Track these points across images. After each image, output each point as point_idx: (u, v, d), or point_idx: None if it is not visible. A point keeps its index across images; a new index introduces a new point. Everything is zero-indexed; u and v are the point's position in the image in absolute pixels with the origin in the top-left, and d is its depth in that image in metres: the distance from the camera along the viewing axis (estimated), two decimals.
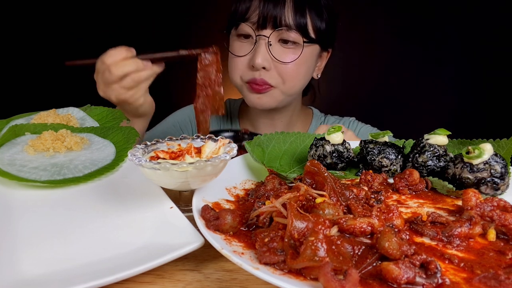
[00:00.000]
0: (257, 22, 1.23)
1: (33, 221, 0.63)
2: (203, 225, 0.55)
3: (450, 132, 0.77)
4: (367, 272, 0.46)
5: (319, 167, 0.64)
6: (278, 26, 1.22)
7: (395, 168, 0.81)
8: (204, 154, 0.71)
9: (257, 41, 1.25)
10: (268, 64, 1.25)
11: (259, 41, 1.24)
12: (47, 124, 0.97)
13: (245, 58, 1.29)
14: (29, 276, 0.50)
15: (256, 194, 0.68)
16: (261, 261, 0.47)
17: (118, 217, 0.65)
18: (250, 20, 1.24)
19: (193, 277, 0.54)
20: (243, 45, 1.29)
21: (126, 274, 0.48)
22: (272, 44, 1.24)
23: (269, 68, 1.26)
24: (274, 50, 1.25)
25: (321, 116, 1.60)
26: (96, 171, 0.80)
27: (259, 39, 1.24)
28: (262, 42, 1.24)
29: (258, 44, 1.24)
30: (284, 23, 1.21)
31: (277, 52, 1.25)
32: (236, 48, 1.31)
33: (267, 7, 1.21)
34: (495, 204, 0.59)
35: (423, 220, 0.59)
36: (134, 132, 0.94)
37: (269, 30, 1.23)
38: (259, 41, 1.24)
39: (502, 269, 0.47)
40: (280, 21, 1.21)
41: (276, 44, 1.25)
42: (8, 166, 0.77)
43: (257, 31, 1.24)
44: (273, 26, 1.22)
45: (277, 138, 0.93)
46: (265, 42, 1.24)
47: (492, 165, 0.69)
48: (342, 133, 0.84)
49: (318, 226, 0.48)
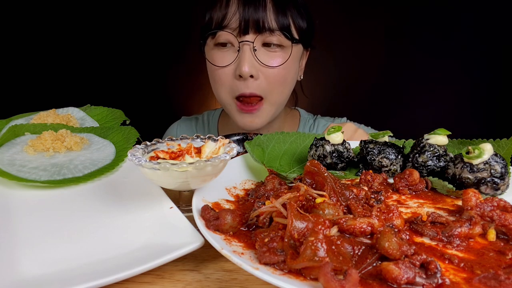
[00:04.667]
0: (238, 27, 1.14)
1: (33, 221, 0.63)
2: (203, 225, 0.55)
3: (450, 132, 0.77)
4: (367, 272, 0.46)
5: (319, 167, 0.64)
6: (261, 29, 1.14)
7: (395, 168, 0.81)
8: (204, 154, 0.71)
9: (240, 47, 1.16)
10: (255, 71, 1.16)
11: (242, 48, 1.15)
12: (47, 124, 0.97)
13: (229, 68, 1.18)
14: (29, 276, 0.50)
15: (256, 194, 0.68)
16: (261, 261, 0.47)
17: (118, 217, 0.65)
18: (230, 27, 1.15)
19: (193, 277, 0.54)
20: (225, 55, 1.19)
21: (126, 274, 0.48)
22: (257, 49, 1.16)
23: (257, 77, 1.17)
24: (260, 55, 1.16)
25: (309, 118, 1.52)
26: (96, 171, 0.80)
27: (243, 45, 1.15)
28: (246, 48, 1.15)
29: (242, 51, 1.15)
30: (268, 26, 1.14)
31: (263, 57, 1.17)
32: (217, 58, 1.20)
33: (248, 11, 1.12)
34: (495, 204, 0.59)
35: (423, 220, 0.58)
36: (134, 132, 0.94)
37: (252, 35, 1.15)
38: (243, 47, 1.15)
39: (502, 269, 0.47)
40: (263, 24, 1.13)
41: (261, 48, 1.17)
42: (8, 166, 0.77)
43: (239, 37, 1.15)
44: (256, 30, 1.14)
45: (277, 138, 0.93)
46: (249, 47, 1.15)
47: (492, 165, 0.69)
48: (342, 133, 0.84)
49: (318, 226, 0.49)
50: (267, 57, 1.18)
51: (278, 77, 1.20)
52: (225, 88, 1.22)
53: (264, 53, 1.18)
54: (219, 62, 1.20)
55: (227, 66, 1.18)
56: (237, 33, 1.15)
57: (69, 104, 1.15)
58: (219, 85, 1.23)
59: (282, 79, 1.21)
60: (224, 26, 1.16)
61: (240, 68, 1.14)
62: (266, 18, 1.14)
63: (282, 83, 1.23)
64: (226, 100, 1.25)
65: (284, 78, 1.22)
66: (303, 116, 1.53)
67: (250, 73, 1.15)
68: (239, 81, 1.18)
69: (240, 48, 1.16)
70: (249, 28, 1.14)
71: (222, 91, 1.23)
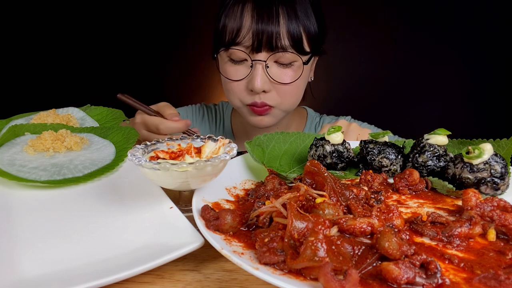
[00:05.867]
0: (251, 46, 1.15)
1: (33, 221, 0.63)
2: (203, 225, 0.55)
3: (450, 132, 0.77)
4: (367, 272, 0.46)
5: (319, 167, 0.64)
6: (274, 48, 1.15)
7: (395, 168, 0.81)
8: (204, 154, 0.71)
9: (253, 65, 1.18)
10: (267, 87, 1.20)
11: (255, 66, 1.18)
12: (47, 124, 0.97)
13: (242, 81, 1.23)
14: (29, 276, 0.50)
15: (256, 194, 0.68)
16: (261, 261, 0.47)
17: (118, 217, 0.65)
18: (243, 44, 1.16)
19: (193, 277, 0.54)
20: (238, 69, 1.22)
21: (126, 275, 0.48)
22: (269, 65, 1.18)
23: (269, 90, 1.21)
24: (272, 72, 1.19)
25: (316, 116, 1.57)
26: (96, 171, 0.80)
27: (255, 64, 1.17)
28: (259, 66, 1.17)
29: (254, 69, 1.18)
30: (280, 45, 1.15)
31: (275, 73, 1.19)
32: (230, 72, 1.24)
33: (261, 27, 1.13)
34: (495, 204, 0.59)
35: (423, 220, 0.58)
36: (134, 132, 0.94)
37: (265, 53, 1.16)
38: (256, 65, 1.17)
39: (502, 269, 0.47)
40: (276, 43, 1.14)
41: (273, 64, 1.19)
42: (8, 166, 0.77)
43: (251, 54, 1.17)
44: (269, 49, 1.15)
45: (277, 138, 0.93)
46: (262, 65, 1.17)
47: (492, 165, 0.69)
48: (342, 133, 0.84)
49: (318, 226, 0.48)
50: (280, 73, 1.21)
51: (289, 91, 1.24)
52: (237, 97, 1.27)
53: (277, 69, 1.20)
54: (232, 76, 1.24)
55: (240, 80, 1.23)
56: (250, 50, 1.17)
57: (69, 104, 1.15)
58: (231, 94, 1.28)
59: (293, 92, 1.26)
60: (238, 43, 1.17)
61: (253, 84, 1.18)
62: (279, 35, 1.15)
63: (294, 94, 1.27)
64: (238, 105, 1.31)
65: (296, 90, 1.27)
66: (311, 114, 1.58)
67: (263, 89, 1.19)
68: (251, 95, 1.23)
69: (252, 65, 1.19)
70: (262, 47, 1.15)
71: (235, 99, 1.29)
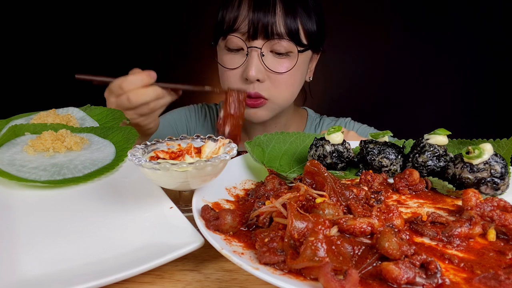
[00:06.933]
0: (247, 32, 1.18)
1: (33, 221, 0.63)
2: (203, 225, 0.55)
3: (450, 132, 0.77)
4: (367, 272, 0.46)
5: (319, 167, 0.64)
6: (269, 35, 1.17)
7: (395, 168, 0.81)
8: (204, 154, 0.71)
9: (249, 52, 1.20)
10: (262, 75, 1.21)
11: (251, 53, 1.19)
12: (47, 124, 0.97)
13: (238, 70, 1.24)
14: (29, 276, 0.50)
15: (256, 194, 0.68)
16: (261, 261, 0.47)
17: (118, 217, 0.65)
18: (240, 31, 1.19)
19: (193, 277, 0.54)
20: (234, 57, 1.24)
21: (126, 274, 0.48)
22: (265, 54, 1.20)
23: (263, 80, 1.22)
24: (268, 61, 1.20)
25: (316, 117, 1.57)
26: (96, 171, 0.80)
27: (251, 51, 1.19)
28: (254, 53, 1.19)
29: (250, 56, 1.20)
30: (276, 32, 1.17)
31: (270, 62, 1.21)
32: (226, 61, 1.26)
33: (257, 16, 1.16)
34: (495, 204, 0.59)
35: (423, 220, 0.58)
36: (134, 132, 0.94)
37: (261, 40, 1.18)
38: (251, 52, 1.19)
39: (502, 269, 0.47)
40: (272, 30, 1.16)
41: (268, 54, 1.21)
42: (8, 166, 0.77)
43: (247, 42, 1.19)
44: (265, 36, 1.17)
45: (277, 138, 0.93)
46: (257, 53, 1.19)
47: (492, 165, 0.69)
48: (342, 133, 0.84)
49: (318, 226, 0.48)
50: (275, 62, 1.22)
51: (284, 82, 1.25)
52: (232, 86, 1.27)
53: (272, 58, 1.22)
54: (228, 65, 1.25)
55: (235, 68, 1.24)
56: (246, 37, 1.19)
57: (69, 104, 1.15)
58: (226, 84, 1.29)
59: (288, 83, 1.26)
60: (235, 29, 1.19)
61: (247, 72, 1.19)
62: (275, 23, 1.17)
63: (289, 86, 1.27)
64: None
65: (291, 83, 1.27)
66: (311, 115, 1.58)
67: (257, 77, 1.20)
68: (245, 84, 1.24)
69: (248, 53, 1.20)
70: (258, 34, 1.17)
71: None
